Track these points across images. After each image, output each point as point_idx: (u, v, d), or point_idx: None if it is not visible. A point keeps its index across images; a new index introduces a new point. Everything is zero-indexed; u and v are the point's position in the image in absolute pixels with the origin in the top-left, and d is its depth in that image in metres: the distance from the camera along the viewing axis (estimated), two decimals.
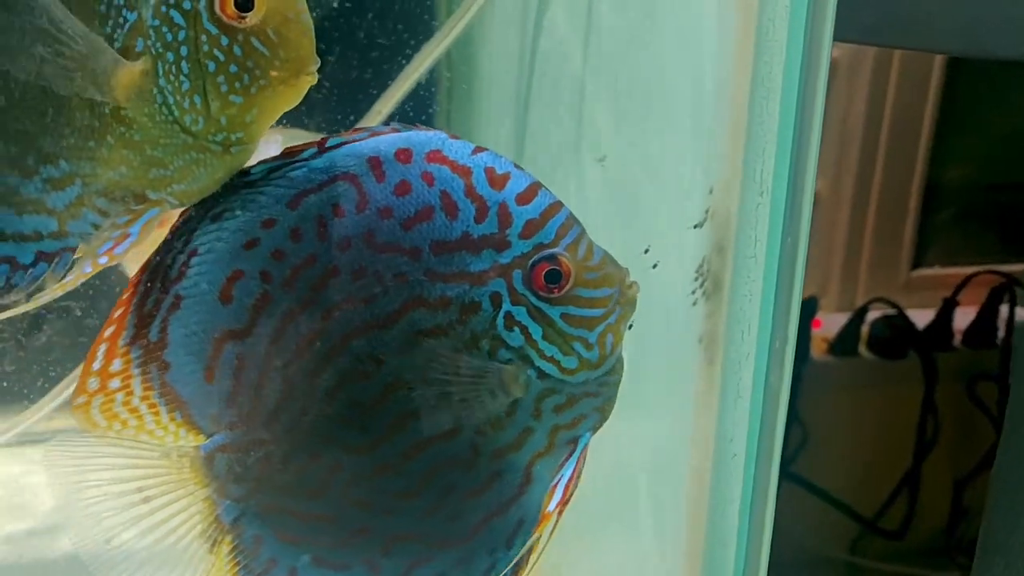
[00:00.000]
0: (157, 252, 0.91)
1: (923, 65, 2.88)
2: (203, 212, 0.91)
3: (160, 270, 0.91)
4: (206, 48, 0.86)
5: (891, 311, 2.94)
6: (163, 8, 0.84)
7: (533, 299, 0.89)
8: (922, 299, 3.07)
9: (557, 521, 0.91)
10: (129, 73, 0.85)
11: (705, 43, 1.12)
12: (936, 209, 3.08)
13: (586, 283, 0.89)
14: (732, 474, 1.15)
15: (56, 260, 0.93)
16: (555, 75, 1.47)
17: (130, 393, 0.93)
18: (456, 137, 0.89)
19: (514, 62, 1.62)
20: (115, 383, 0.92)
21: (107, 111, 0.88)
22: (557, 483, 0.91)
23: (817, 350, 2.99)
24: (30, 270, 0.93)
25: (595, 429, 0.93)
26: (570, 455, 0.92)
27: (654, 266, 1.10)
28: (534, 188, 0.88)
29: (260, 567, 0.95)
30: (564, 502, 0.90)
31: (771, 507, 1.15)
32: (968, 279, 2.99)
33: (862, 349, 2.98)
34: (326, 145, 0.90)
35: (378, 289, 0.89)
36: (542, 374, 0.90)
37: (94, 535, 0.91)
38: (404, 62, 1.57)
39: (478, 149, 0.89)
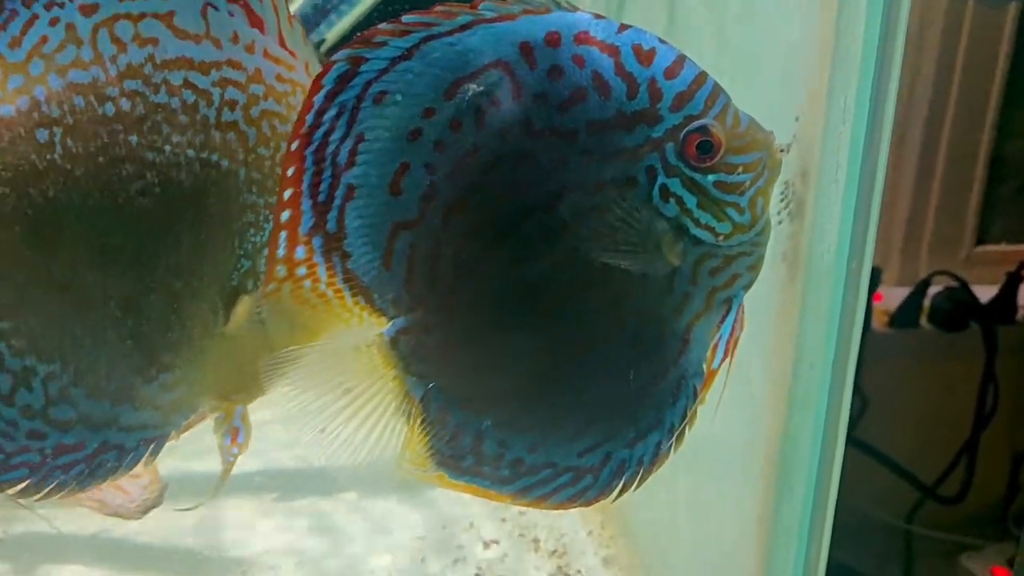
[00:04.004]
0: (317, 117, 0.93)
1: (992, 35, 2.88)
2: (362, 85, 0.92)
3: (325, 148, 0.94)
4: None
5: (954, 284, 2.95)
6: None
7: (686, 170, 0.90)
8: (985, 274, 3.08)
9: (726, 380, 0.96)
10: (241, 306, 1.06)
11: None
12: (1002, 183, 3.09)
13: (736, 150, 0.90)
14: (809, 383, 1.24)
15: (153, 445, 1.10)
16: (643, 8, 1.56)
17: (316, 280, 0.97)
18: (600, 17, 0.91)
19: None
20: (302, 271, 0.97)
21: (217, 331, 1.07)
22: (718, 342, 0.95)
23: (878, 322, 3.01)
24: (132, 454, 1.09)
25: (748, 287, 0.96)
26: (726, 314, 0.95)
27: None
28: (680, 61, 0.90)
29: (448, 434, 1.00)
30: (726, 359, 0.95)
31: (845, 413, 1.25)
32: None
33: (923, 321, 3.01)
34: (480, 13, 0.91)
35: (538, 174, 0.91)
36: (697, 241, 0.92)
37: (311, 429, 0.97)
38: None
39: (623, 27, 0.91)
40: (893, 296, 3.03)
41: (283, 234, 0.96)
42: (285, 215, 0.95)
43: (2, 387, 1.05)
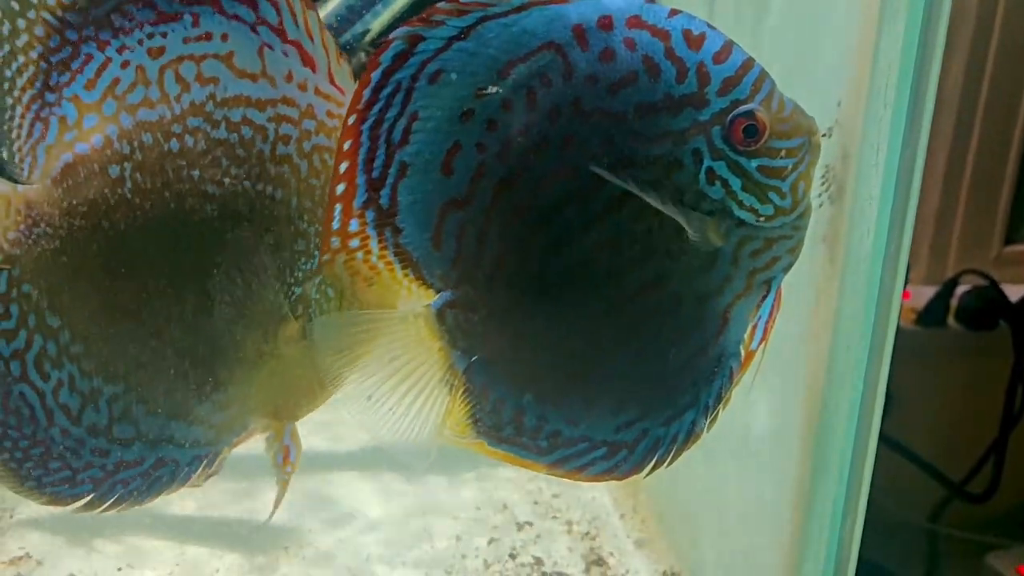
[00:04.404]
0: (374, 94, 0.94)
1: None
2: (418, 64, 0.94)
3: (380, 126, 0.95)
4: None
5: (983, 283, 2.95)
6: (318, 287, 1.14)
7: (731, 153, 0.92)
8: (1014, 273, 3.08)
9: (761, 361, 0.98)
10: (291, 328, 1.12)
11: None
12: None
13: (780, 134, 0.92)
14: (847, 364, 1.27)
15: (206, 461, 1.17)
16: None
17: (368, 252, 1.00)
18: (652, 1, 0.93)
19: None
20: (354, 243, 1.00)
21: (267, 351, 1.13)
22: (757, 322, 0.98)
23: (905, 320, 3.01)
24: (187, 469, 1.17)
25: (787, 269, 0.98)
26: (766, 296, 0.98)
27: None
28: (728, 46, 0.92)
29: (489, 405, 1.02)
30: (764, 340, 0.97)
31: (881, 395, 1.27)
32: None
33: (951, 320, 3.00)
34: None
35: (586, 155, 0.92)
36: (740, 223, 0.95)
37: (358, 396, 0.99)
38: None
39: (673, 12, 0.92)
40: (921, 295, 3.03)
41: (338, 207, 0.99)
42: (340, 188, 0.98)
43: (72, 407, 1.12)
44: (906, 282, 3.15)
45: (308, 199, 1.11)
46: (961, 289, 2.98)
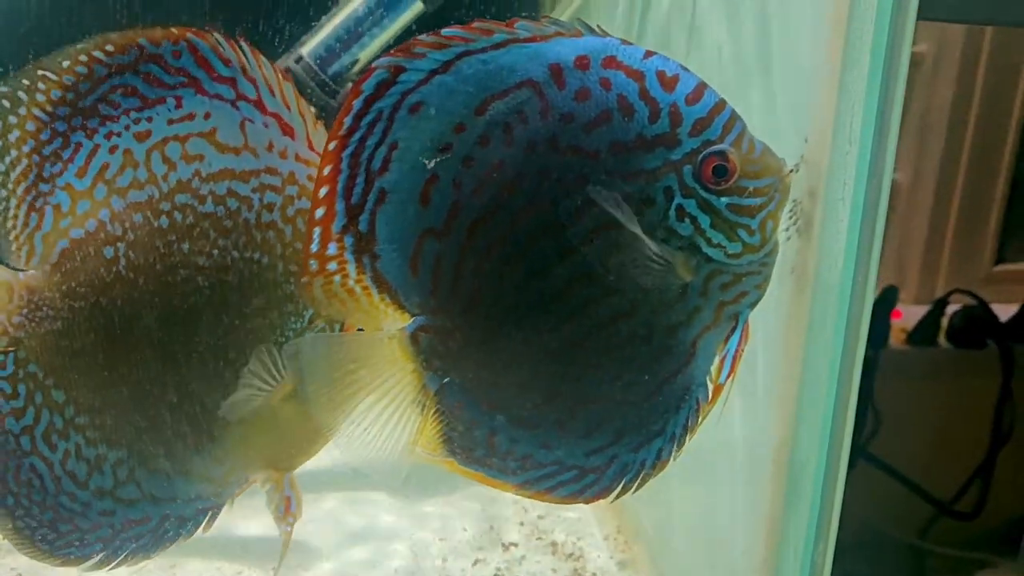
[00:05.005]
0: (355, 121, 0.96)
1: (1012, 58, 2.91)
2: (399, 95, 0.95)
3: (361, 153, 0.97)
4: None
5: (972, 302, 2.96)
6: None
7: (702, 191, 0.95)
8: (1003, 293, 3.09)
9: (728, 393, 1.00)
10: (283, 384, 1.14)
11: (803, 10, 1.27)
12: (1021, 202, 3.09)
13: (749, 174, 0.95)
14: (816, 393, 1.29)
15: (208, 515, 1.23)
16: (658, 33, 1.62)
17: (346, 276, 1.02)
18: (628, 43, 0.95)
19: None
20: (332, 266, 1.02)
21: (262, 408, 1.16)
22: (725, 356, 1.00)
23: (896, 340, 3.03)
24: (191, 523, 1.22)
25: (753, 305, 1.00)
26: (733, 330, 1.00)
27: None
28: (701, 88, 0.94)
29: (462, 426, 1.05)
30: (732, 373, 0.99)
31: (850, 423, 1.29)
32: None
33: (941, 339, 3.02)
34: (515, 32, 0.94)
35: (561, 190, 0.95)
36: (708, 259, 0.97)
37: (335, 415, 1.02)
38: None
39: (648, 53, 0.95)
40: (912, 314, 3.04)
41: (316, 230, 1.01)
42: (319, 212, 1.00)
43: (79, 474, 1.18)
44: (896, 302, 3.17)
45: (294, 262, 1.15)
46: (952, 308, 2.99)
